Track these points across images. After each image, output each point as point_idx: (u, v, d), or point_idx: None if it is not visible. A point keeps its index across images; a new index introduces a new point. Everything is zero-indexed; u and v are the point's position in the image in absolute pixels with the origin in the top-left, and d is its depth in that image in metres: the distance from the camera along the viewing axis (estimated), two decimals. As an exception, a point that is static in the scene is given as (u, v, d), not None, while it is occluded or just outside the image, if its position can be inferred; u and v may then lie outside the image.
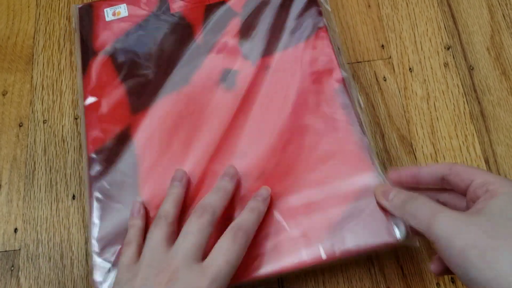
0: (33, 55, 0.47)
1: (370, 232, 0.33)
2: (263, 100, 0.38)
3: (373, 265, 0.38)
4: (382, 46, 0.46)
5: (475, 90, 0.44)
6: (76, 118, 0.44)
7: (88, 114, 0.39)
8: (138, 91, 0.39)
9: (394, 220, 0.33)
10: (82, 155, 0.41)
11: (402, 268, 0.38)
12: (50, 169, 0.42)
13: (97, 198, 0.36)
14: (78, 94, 0.40)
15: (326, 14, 0.41)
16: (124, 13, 0.42)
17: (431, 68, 0.45)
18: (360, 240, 0.33)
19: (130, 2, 0.43)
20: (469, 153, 0.42)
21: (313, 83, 0.38)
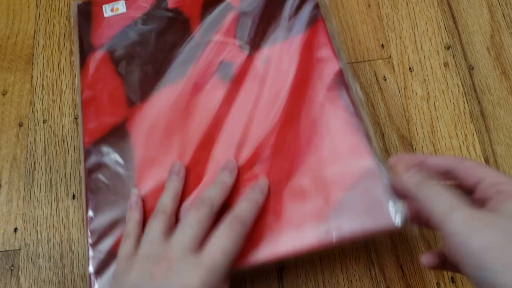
0: (33, 55, 0.47)
1: (368, 217, 0.33)
2: (260, 90, 0.38)
3: (373, 265, 0.38)
4: (382, 45, 0.46)
5: (475, 90, 0.44)
6: (76, 118, 0.44)
7: (84, 107, 0.39)
8: (135, 85, 0.40)
9: (393, 205, 0.33)
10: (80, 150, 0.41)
11: (402, 267, 0.38)
12: (50, 168, 0.42)
13: (92, 190, 0.36)
14: (77, 90, 0.40)
15: (324, 6, 0.41)
16: (122, 9, 0.43)
17: (431, 67, 0.45)
18: (358, 225, 0.33)
19: None
20: (469, 152, 0.42)
21: (310, 74, 0.39)
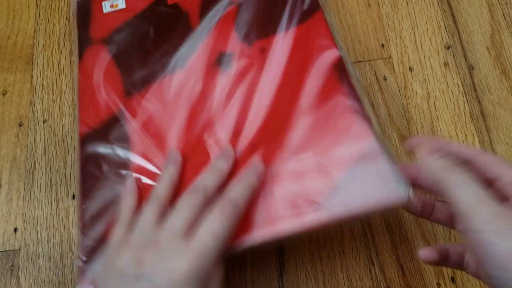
0: (33, 55, 0.47)
1: (371, 193, 0.33)
2: (259, 80, 0.38)
3: (373, 264, 0.38)
4: (382, 45, 0.46)
5: (475, 90, 0.44)
6: (76, 118, 0.44)
7: (81, 96, 0.39)
8: (133, 76, 0.40)
9: (396, 182, 0.33)
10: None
11: (402, 267, 0.38)
12: (50, 168, 0.42)
13: (86, 179, 0.36)
14: (74, 80, 0.41)
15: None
16: (121, 5, 0.43)
17: (431, 67, 0.45)
18: (360, 201, 0.33)
19: None
20: (469, 152, 0.42)
21: (309, 61, 0.39)
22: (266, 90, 0.38)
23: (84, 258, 0.33)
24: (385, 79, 0.45)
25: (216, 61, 0.40)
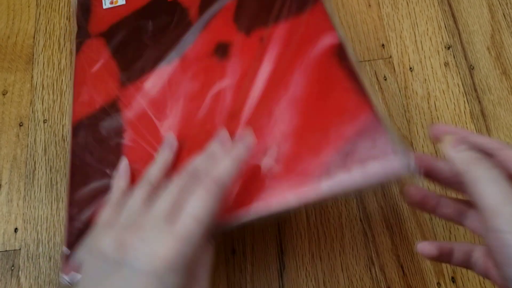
0: (33, 55, 0.47)
1: (372, 163, 0.32)
2: (257, 67, 0.38)
3: (373, 264, 0.38)
4: (383, 45, 0.46)
5: (476, 90, 0.44)
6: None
7: (76, 85, 0.39)
8: (130, 67, 0.40)
9: (398, 152, 0.32)
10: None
11: (402, 267, 0.38)
12: (51, 168, 0.42)
13: (77, 165, 0.36)
14: (71, 72, 0.41)
15: None
16: (121, 1, 0.43)
17: (432, 67, 0.45)
18: (361, 171, 0.32)
19: None
20: (469, 152, 0.42)
21: (309, 47, 0.38)
22: (265, 76, 0.37)
23: (67, 251, 0.33)
24: (385, 79, 0.45)
25: (214, 50, 0.40)
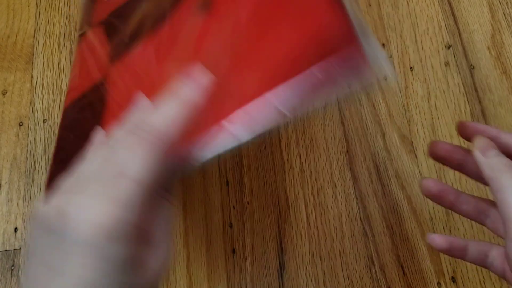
0: (33, 54, 0.47)
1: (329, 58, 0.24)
2: (239, 17, 0.33)
3: (373, 264, 0.38)
4: (383, 45, 0.46)
5: (476, 89, 0.44)
6: (76, 117, 0.44)
7: (71, 74, 0.39)
8: (121, 46, 0.40)
9: (373, 57, 0.25)
10: None
11: (402, 267, 0.38)
12: (50, 168, 0.42)
13: (61, 147, 0.36)
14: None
15: None
16: None
17: (432, 67, 0.45)
18: (318, 69, 0.24)
19: None
20: (469, 152, 0.42)
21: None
22: (245, 21, 0.29)
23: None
24: (385, 79, 0.45)
25: (195, 8, 0.39)
